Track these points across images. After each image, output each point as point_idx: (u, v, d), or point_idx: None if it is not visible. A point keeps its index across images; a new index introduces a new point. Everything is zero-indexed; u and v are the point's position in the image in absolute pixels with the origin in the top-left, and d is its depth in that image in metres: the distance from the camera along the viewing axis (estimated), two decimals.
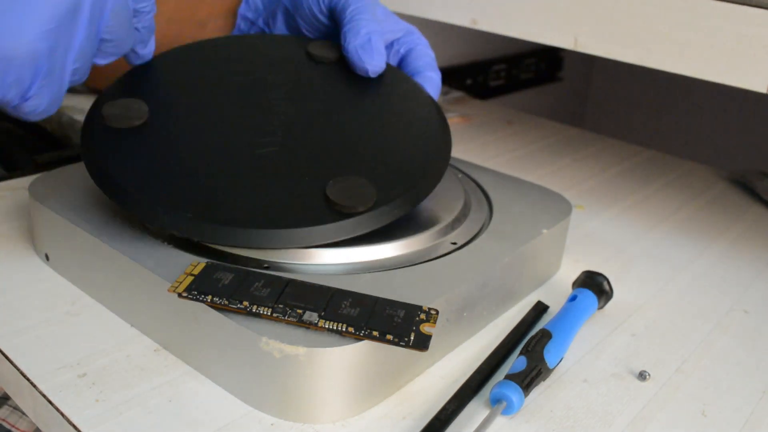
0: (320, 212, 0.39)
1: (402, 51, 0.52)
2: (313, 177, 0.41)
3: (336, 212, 0.39)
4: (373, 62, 0.48)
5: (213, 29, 0.64)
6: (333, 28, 0.53)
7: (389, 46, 0.52)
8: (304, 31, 0.55)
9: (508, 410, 0.36)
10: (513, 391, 0.35)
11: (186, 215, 0.38)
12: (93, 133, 0.43)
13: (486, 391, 0.38)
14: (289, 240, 0.38)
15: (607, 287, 0.45)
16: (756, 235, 0.59)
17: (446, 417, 0.35)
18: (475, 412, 0.36)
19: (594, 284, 0.45)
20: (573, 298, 0.43)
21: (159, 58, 0.50)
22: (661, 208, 0.63)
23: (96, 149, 0.42)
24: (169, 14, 0.68)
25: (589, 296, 0.44)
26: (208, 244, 0.39)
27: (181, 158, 0.42)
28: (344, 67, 0.50)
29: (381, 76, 0.49)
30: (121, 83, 0.47)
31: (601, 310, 0.46)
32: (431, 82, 0.51)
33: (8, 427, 0.48)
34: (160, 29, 0.68)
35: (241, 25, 0.61)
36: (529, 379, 0.36)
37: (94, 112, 0.45)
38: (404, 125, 0.47)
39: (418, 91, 0.50)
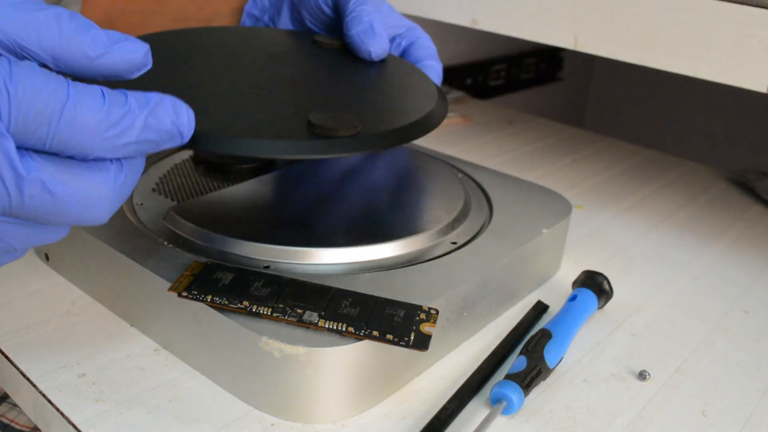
0: (301, 131, 0.38)
1: (404, 44, 0.53)
2: (300, 108, 0.40)
3: (317, 135, 0.38)
4: (375, 44, 0.49)
5: None
6: (338, 22, 0.53)
7: (391, 40, 0.53)
8: (308, 24, 0.55)
9: (508, 410, 0.36)
10: (513, 391, 0.35)
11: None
12: None
13: (486, 391, 0.38)
14: (267, 149, 0.37)
15: (607, 287, 0.45)
16: (756, 235, 0.59)
17: (446, 417, 0.35)
18: (475, 411, 0.36)
19: (594, 284, 0.45)
20: (573, 298, 0.43)
21: (158, 35, 0.49)
22: (661, 208, 0.63)
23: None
24: (175, 13, 0.68)
25: (589, 296, 0.44)
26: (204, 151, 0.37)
27: (169, 84, 0.40)
28: (347, 52, 0.50)
29: (383, 60, 0.50)
30: None
31: (601, 310, 0.46)
32: (433, 70, 0.51)
33: (7, 422, 0.48)
34: (166, 28, 0.68)
35: (247, 22, 0.61)
36: (529, 378, 0.36)
37: None
38: (399, 90, 0.47)
39: (419, 73, 0.50)
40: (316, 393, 0.34)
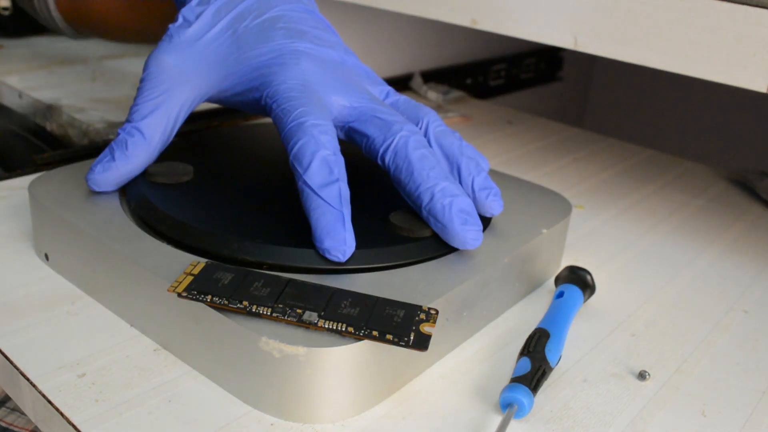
0: (387, 236, 0.41)
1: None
2: (372, 210, 0.43)
3: (402, 237, 0.41)
4: (471, 236, 0.40)
5: None
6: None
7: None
8: None
9: (519, 413, 0.35)
10: (523, 394, 0.35)
11: (257, 241, 0.39)
12: (137, 188, 0.44)
13: (487, 394, 0.38)
14: (361, 260, 0.39)
15: (590, 281, 0.45)
16: (756, 235, 0.59)
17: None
18: (484, 417, 0.36)
19: (578, 279, 0.45)
20: (560, 295, 0.43)
21: (195, 135, 0.52)
22: (661, 208, 0.63)
23: (142, 196, 0.43)
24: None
25: (575, 291, 0.44)
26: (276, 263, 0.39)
27: (238, 202, 0.44)
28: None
29: None
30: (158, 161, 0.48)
31: (601, 310, 0.46)
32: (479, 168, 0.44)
33: (5, 426, 0.48)
34: (152, 26, 0.68)
35: None
36: (536, 380, 0.36)
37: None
38: None
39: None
40: (315, 393, 0.34)
